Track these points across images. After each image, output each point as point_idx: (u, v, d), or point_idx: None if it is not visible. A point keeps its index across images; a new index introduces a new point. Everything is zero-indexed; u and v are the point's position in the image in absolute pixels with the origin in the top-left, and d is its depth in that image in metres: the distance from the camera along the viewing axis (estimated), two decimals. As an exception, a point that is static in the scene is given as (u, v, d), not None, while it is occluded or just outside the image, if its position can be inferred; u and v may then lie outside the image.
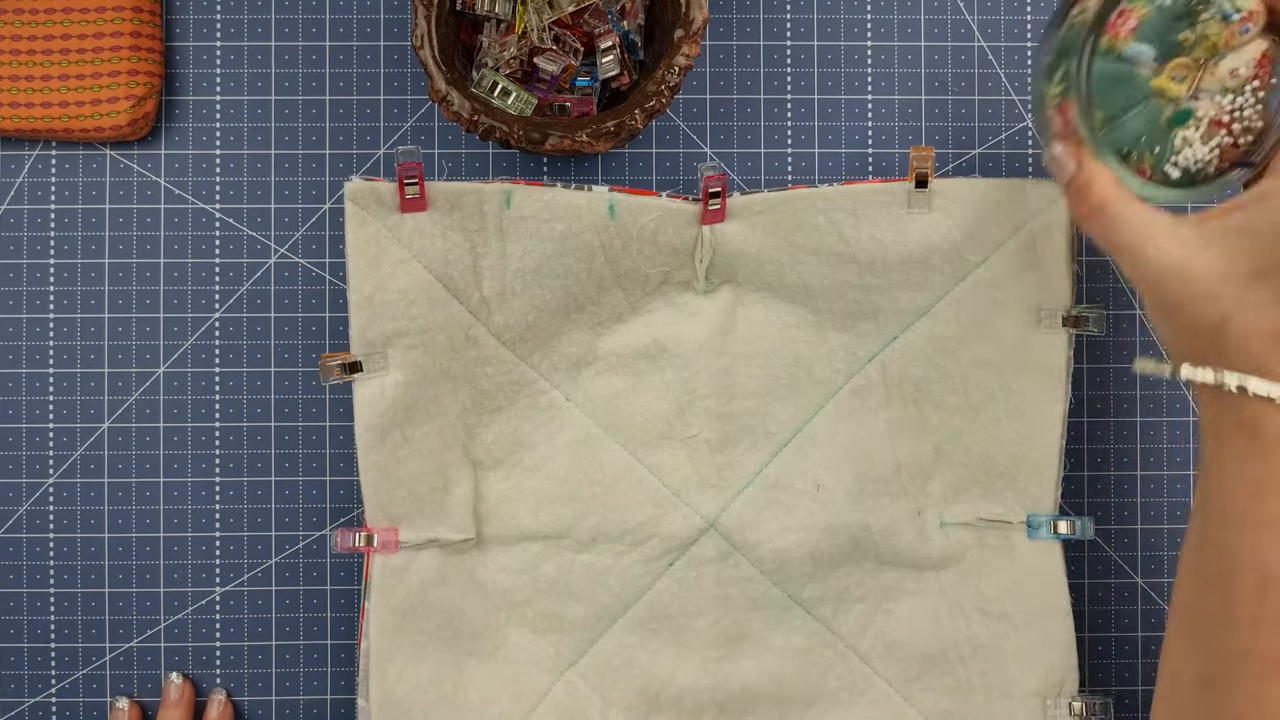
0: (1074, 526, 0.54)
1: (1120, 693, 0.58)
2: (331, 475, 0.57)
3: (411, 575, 0.53)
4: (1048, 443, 0.54)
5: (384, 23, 0.57)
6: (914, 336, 0.55)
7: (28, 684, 0.57)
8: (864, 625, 0.55)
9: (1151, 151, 0.46)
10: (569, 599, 0.55)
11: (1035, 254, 0.53)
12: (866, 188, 0.53)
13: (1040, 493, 0.54)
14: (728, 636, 0.55)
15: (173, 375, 0.57)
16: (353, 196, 0.51)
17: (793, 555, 0.54)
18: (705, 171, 0.52)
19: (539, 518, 0.55)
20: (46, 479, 0.57)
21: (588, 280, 0.54)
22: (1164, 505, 0.59)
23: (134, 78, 0.54)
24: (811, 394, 0.55)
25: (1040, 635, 0.54)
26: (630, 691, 0.55)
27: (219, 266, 0.57)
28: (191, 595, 0.57)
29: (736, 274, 0.55)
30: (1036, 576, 0.54)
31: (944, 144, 0.58)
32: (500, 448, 0.55)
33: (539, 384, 0.55)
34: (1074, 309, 0.53)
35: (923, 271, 0.53)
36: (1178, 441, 0.59)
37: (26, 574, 0.57)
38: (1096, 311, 0.53)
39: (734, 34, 0.58)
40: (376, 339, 0.52)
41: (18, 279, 0.57)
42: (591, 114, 0.54)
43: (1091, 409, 0.58)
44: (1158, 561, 0.59)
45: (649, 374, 0.55)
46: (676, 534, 0.54)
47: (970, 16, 0.58)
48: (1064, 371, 0.54)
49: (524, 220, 0.52)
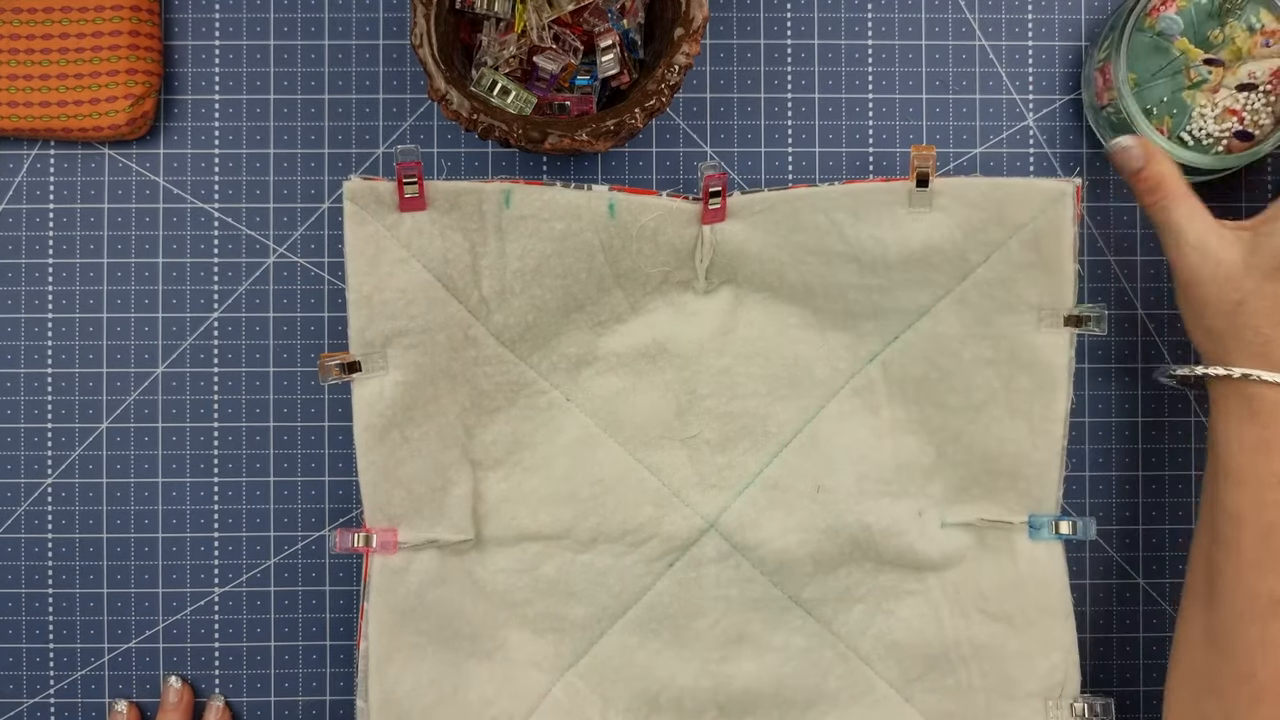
0: (1075, 527, 0.54)
1: (1122, 693, 0.58)
2: (330, 476, 0.57)
3: (410, 576, 0.53)
4: (1049, 443, 0.54)
5: (383, 22, 0.57)
6: (915, 336, 0.54)
7: (27, 684, 0.57)
8: (864, 626, 0.55)
9: (1171, 115, 0.54)
10: (569, 600, 0.54)
11: (1037, 253, 0.52)
12: (867, 187, 0.53)
13: (1042, 493, 0.54)
14: (728, 637, 0.55)
15: (171, 375, 0.57)
16: (351, 196, 0.51)
17: (793, 556, 0.54)
18: (705, 170, 0.52)
19: (539, 518, 0.54)
20: (45, 479, 0.57)
21: (587, 280, 0.53)
22: (1166, 506, 0.59)
23: (132, 77, 0.54)
24: (812, 394, 0.55)
25: (1041, 636, 0.54)
26: (630, 692, 0.54)
27: (217, 266, 0.57)
28: (190, 596, 0.57)
29: (737, 274, 0.55)
30: (1037, 577, 0.54)
31: (945, 143, 0.58)
32: (500, 448, 0.55)
33: (539, 384, 0.55)
34: (1076, 308, 0.53)
35: (924, 271, 0.53)
36: (1179, 442, 0.59)
37: (25, 574, 0.57)
38: (1098, 311, 0.53)
39: (734, 32, 0.58)
40: (375, 339, 0.52)
41: (16, 279, 0.56)
42: (591, 113, 0.54)
43: (1093, 409, 0.58)
44: (1160, 562, 0.59)
45: (649, 374, 0.55)
46: (677, 534, 0.54)
47: (971, 15, 0.58)
48: (1066, 371, 0.53)
49: (523, 219, 0.52)
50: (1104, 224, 0.58)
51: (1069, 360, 0.53)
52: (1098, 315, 0.53)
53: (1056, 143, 0.58)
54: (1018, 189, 0.52)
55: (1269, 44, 0.53)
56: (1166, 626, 0.58)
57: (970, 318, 0.54)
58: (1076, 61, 0.58)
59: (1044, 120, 0.58)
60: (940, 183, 0.52)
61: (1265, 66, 0.53)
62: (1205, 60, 0.53)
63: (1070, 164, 0.58)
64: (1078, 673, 0.54)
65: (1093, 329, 0.53)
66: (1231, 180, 0.58)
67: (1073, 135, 0.58)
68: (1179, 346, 0.58)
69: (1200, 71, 0.54)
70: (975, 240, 0.53)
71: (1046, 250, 0.52)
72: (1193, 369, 0.52)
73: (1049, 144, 0.58)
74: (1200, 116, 0.54)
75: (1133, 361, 0.58)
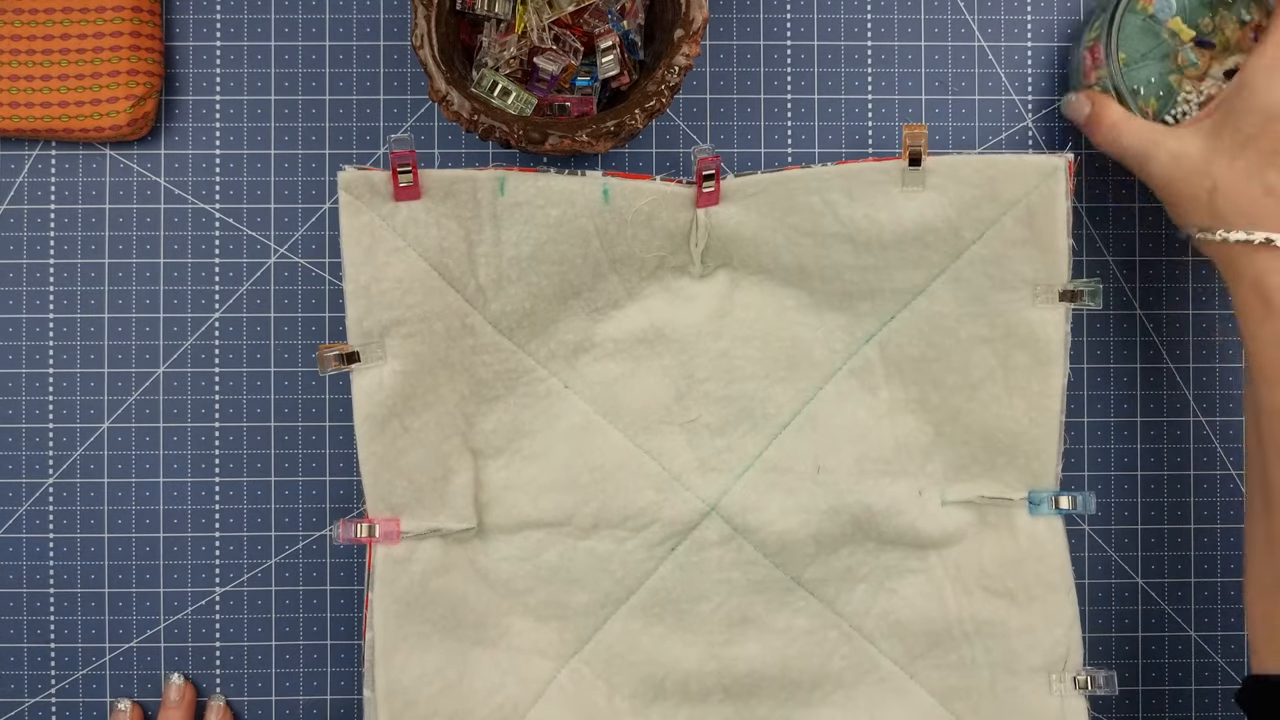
0: (1075, 501, 0.54)
1: (1122, 693, 0.58)
2: (331, 475, 0.57)
3: (414, 565, 0.53)
4: (1047, 418, 0.54)
5: (384, 22, 0.57)
6: (912, 316, 0.55)
7: (27, 684, 0.57)
8: (868, 605, 0.55)
9: (1156, 97, 0.54)
10: (571, 586, 0.55)
11: (1030, 229, 0.52)
12: (860, 167, 0.53)
13: (1041, 469, 0.54)
14: (732, 620, 0.55)
15: (172, 375, 0.57)
16: (346, 186, 0.51)
17: (795, 537, 0.54)
18: (699, 154, 0.52)
19: (540, 505, 0.54)
20: (46, 479, 0.57)
21: (583, 266, 0.53)
22: (1166, 506, 0.59)
23: (134, 77, 0.54)
24: (810, 375, 0.55)
25: (1043, 611, 0.54)
26: (636, 677, 0.55)
27: (219, 266, 0.57)
28: (191, 595, 0.57)
29: (732, 257, 0.55)
30: (1038, 553, 0.54)
31: (944, 144, 0.58)
32: (500, 436, 0.55)
33: (537, 372, 0.55)
34: (1070, 284, 0.53)
35: (919, 250, 0.53)
36: (1178, 442, 0.59)
37: (26, 574, 0.57)
38: (1093, 285, 0.53)
39: (734, 33, 0.58)
40: (374, 328, 0.52)
41: (17, 279, 0.57)
42: (591, 114, 0.54)
43: (1092, 409, 0.58)
44: (1159, 562, 0.59)
45: (647, 359, 0.55)
46: (678, 518, 0.54)
47: (970, 16, 0.58)
48: (1062, 346, 0.53)
49: (518, 206, 0.52)
50: (1103, 224, 0.58)
51: (1065, 335, 0.53)
52: (1092, 290, 0.53)
53: (1055, 143, 0.58)
54: (1010, 165, 0.52)
55: (1257, 37, 0.54)
56: (1166, 626, 0.59)
57: (966, 296, 0.54)
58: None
59: (1043, 121, 0.58)
60: (933, 161, 0.52)
61: None
62: (1195, 41, 0.54)
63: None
64: (1081, 646, 0.54)
65: (1088, 303, 0.53)
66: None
67: (1072, 136, 0.58)
68: (1179, 346, 0.58)
69: (1188, 55, 0.54)
70: (969, 218, 0.53)
71: (1040, 226, 0.52)
72: (1214, 233, 0.51)
73: (1048, 145, 0.58)
74: (1185, 101, 0.54)
75: (1132, 362, 0.59)
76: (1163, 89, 0.54)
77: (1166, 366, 0.58)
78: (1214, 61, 0.54)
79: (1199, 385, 0.58)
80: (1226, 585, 0.59)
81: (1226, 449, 0.59)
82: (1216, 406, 0.59)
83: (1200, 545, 0.59)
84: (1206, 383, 0.59)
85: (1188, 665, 0.59)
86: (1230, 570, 0.59)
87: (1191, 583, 0.59)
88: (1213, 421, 0.59)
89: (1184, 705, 0.59)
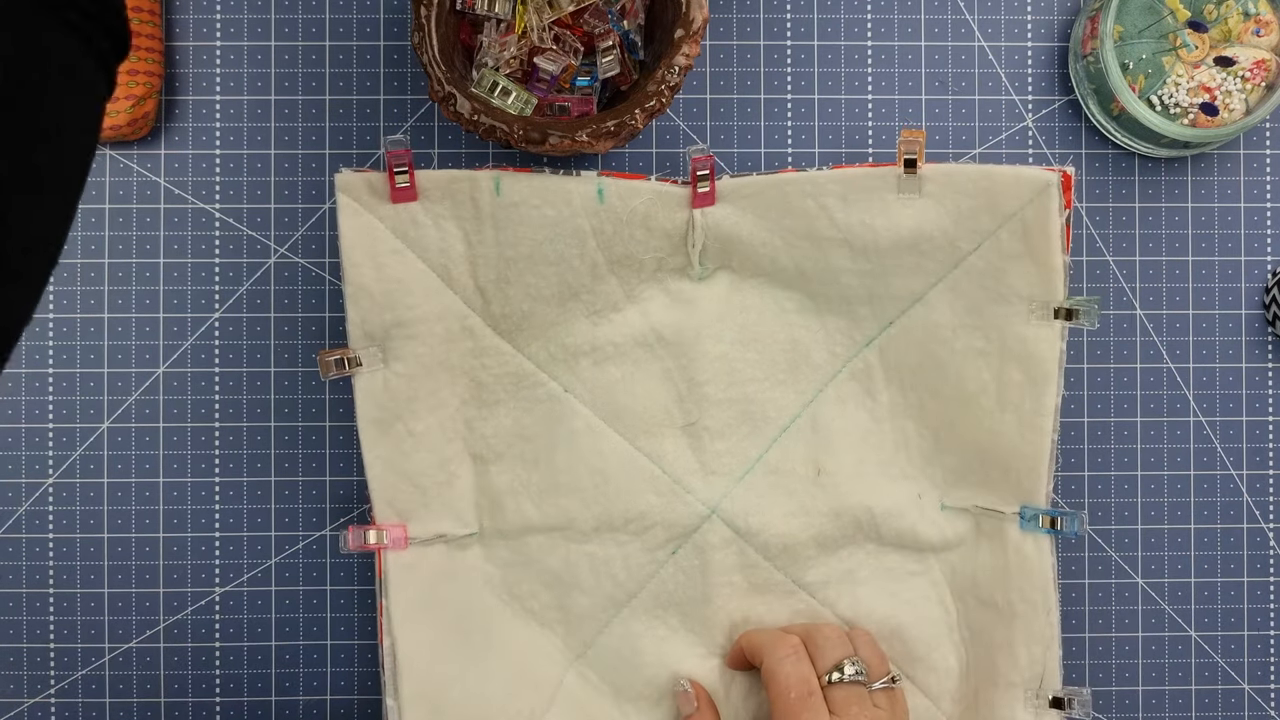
0: (1064, 522, 0.53)
1: (1121, 693, 0.58)
2: (331, 475, 0.57)
3: (421, 571, 0.53)
4: (1039, 437, 0.53)
5: (384, 23, 0.57)
6: (909, 323, 0.55)
7: (27, 684, 0.57)
8: (868, 608, 0.55)
9: (1146, 74, 0.55)
10: (573, 590, 0.55)
11: (1026, 245, 0.52)
12: (855, 172, 0.53)
13: (1032, 486, 0.54)
14: (733, 622, 0.55)
15: (172, 375, 0.57)
16: (343, 187, 0.51)
17: (796, 540, 0.54)
18: (693, 153, 0.52)
19: (541, 510, 0.54)
20: (46, 479, 0.57)
21: (581, 267, 0.53)
22: (1164, 505, 0.59)
23: (133, 78, 0.54)
24: (811, 378, 0.55)
25: (1024, 628, 0.53)
26: (639, 680, 0.55)
27: (219, 266, 0.57)
28: (191, 596, 0.57)
29: (731, 259, 0.55)
30: (1025, 569, 0.54)
31: (944, 144, 0.58)
32: (500, 441, 0.55)
33: (537, 376, 0.55)
34: (1066, 301, 0.53)
35: (915, 257, 0.53)
36: (1178, 442, 0.59)
37: (26, 574, 0.57)
38: (1089, 304, 0.52)
39: (734, 34, 0.58)
40: (375, 330, 0.52)
41: (17, 279, 0.57)
42: (591, 114, 0.54)
43: (1091, 409, 0.58)
44: (1158, 561, 0.59)
45: (647, 362, 0.55)
46: (679, 522, 0.54)
47: (970, 16, 0.58)
48: (1056, 365, 0.53)
49: (515, 206, 0.52)
50: (1103, 224, 0.58)
51: (1060, 354, 0.53)
52: (1088, 308, 0.52)
53: (1055, 144, 0.58)
54: (1006, 177, 0.52)
55: (1259, 33, 0.54)
56: (1165, 626, 0.59)
57: (962, 307, 0.54)
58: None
59: (1043, 121, 0.58)
60: (929, 169, 0.52)
61: (1249, 54, 0.54)
62: (1189, 23, 0.54)
63: (1069, 165, 0.58)
64: (1058, 667, 0.53)
65: (1083, 323, 0.52)
66: (1231, 165, 0.58)
67: (1072, 136, 0.58)
68: (1178, 346, 0.59)
69: (1183, 36, 0.54)
70: (965, 228, 0.53)
71: (1034, 242, 0.52)
72: None
73: (1048, 145, 0.58)
74: (1174, 85, 0.54)
75: (1132, 362, 0.59)
76: (1153, 67, 0.54)
77: (1166, 366, 0.58)
78: (1211, 50, 0.54)
79: (1199, 385, 0.59)
80: (1226, 585, 0.59)
81: (1226, 449, 0.59)
82: (1216, 406, 0.59)
83: (1200, 545, 0.59)
84: (1206, 383, 0.59)
85: (1188, 665, 0.59)
86: (1230, 570, 0.59)
87: (1191, 583, 0.59)
88: (1213, 421, 0.59)
89: (1184, 705, 0.59)
